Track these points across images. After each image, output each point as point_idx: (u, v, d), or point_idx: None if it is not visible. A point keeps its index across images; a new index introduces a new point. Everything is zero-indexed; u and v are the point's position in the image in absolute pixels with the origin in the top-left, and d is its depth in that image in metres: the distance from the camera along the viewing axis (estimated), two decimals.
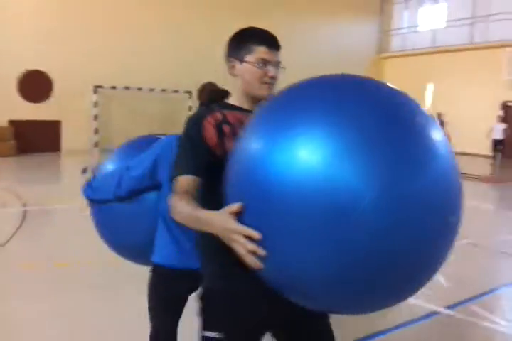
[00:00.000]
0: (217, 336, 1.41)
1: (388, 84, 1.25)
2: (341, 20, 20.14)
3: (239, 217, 1.11)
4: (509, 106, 17.18)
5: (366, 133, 1.03)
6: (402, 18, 21.32)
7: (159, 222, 1.96)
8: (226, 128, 1.43)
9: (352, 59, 20.33)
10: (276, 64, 1.50)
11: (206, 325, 1.46)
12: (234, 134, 1.39)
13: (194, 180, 1.37)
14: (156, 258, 1.98)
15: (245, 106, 1.53)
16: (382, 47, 21.82)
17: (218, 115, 1.46)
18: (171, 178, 1.41)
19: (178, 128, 1.52)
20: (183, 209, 1.29)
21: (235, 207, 1.11)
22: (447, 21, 19.46)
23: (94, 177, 2.16)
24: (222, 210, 1.14)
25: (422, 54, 19.98)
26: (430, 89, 19.75)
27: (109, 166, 2.20)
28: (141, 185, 1.94)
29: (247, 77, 1.49)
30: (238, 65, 1.51)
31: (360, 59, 20.94)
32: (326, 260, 1.02)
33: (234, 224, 1.10)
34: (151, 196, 1.98)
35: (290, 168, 1.04)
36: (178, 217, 1.32)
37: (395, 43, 21.56)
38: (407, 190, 1.01)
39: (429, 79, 19.49)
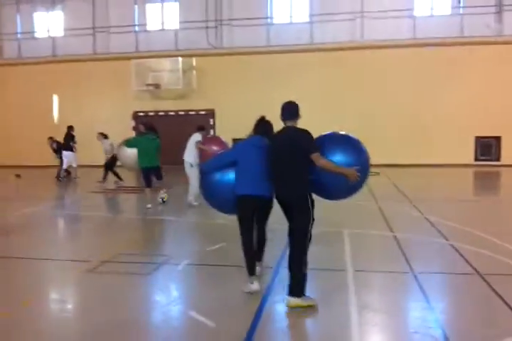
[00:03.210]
0: (311, 212, 4.05)
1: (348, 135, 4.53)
2: None
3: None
4: (140, 116, 17.81)
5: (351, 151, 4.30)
6: (15, 22, 19.06)
7: (247, 176, 4.34)
8: None
9: None
10: None
11: (310, 208, 4.04)
12: None
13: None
14: (242, 191, 4.32)
15: None
16: None
17: None
18: (314, 151, 3.95)
19: None
20: (329, 162, 3.95)
21: (355, 168, 3.98)
22: (66, 30, 18.60)
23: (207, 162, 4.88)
24: (350, 168, 3.98)
25: (42, 62, 18.44)
26: (56, 100, 18.50)
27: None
28: (228, 164, 4.44)
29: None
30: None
31: None
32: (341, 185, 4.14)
33: (355, 172, 3.98)
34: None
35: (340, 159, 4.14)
36: (324, 164, 3.93)
37: (9, 50, 19.14)
38: (366, 164, 4.30)
39: (54, 89, 18.22)
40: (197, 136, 8.93)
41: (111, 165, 12.52)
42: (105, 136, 12.84)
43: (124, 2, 17.98)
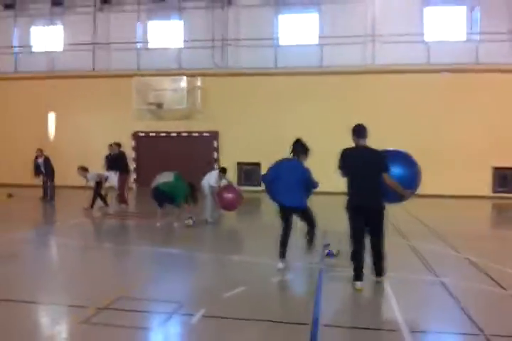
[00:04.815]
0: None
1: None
2: None
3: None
4: (140, 137, 16.95)
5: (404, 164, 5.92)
6: (11, 35, 18.29)
7: (279, 189, 6.07)
8: None
9: None
10: None
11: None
12: None
13: None
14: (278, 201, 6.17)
15: None
16: None
17: None
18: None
19: None
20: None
21: (409, 191, 5.55)
22: (65, 45, 17.87)
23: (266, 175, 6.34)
24: (406, 190, 5.47)
25: (39, 77, 17.58)
26: (52, 117, 17.69)
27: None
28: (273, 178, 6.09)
29: None
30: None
31: None
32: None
33: (408, 193, 5.56)
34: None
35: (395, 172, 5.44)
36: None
37: (5, 64, 18.30)
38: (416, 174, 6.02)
39: (50, 106, 17.43)
40: (213, 175, 9.82)
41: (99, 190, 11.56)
42: (86, 169, 11.57)
43: (126, 18, 17.32)
